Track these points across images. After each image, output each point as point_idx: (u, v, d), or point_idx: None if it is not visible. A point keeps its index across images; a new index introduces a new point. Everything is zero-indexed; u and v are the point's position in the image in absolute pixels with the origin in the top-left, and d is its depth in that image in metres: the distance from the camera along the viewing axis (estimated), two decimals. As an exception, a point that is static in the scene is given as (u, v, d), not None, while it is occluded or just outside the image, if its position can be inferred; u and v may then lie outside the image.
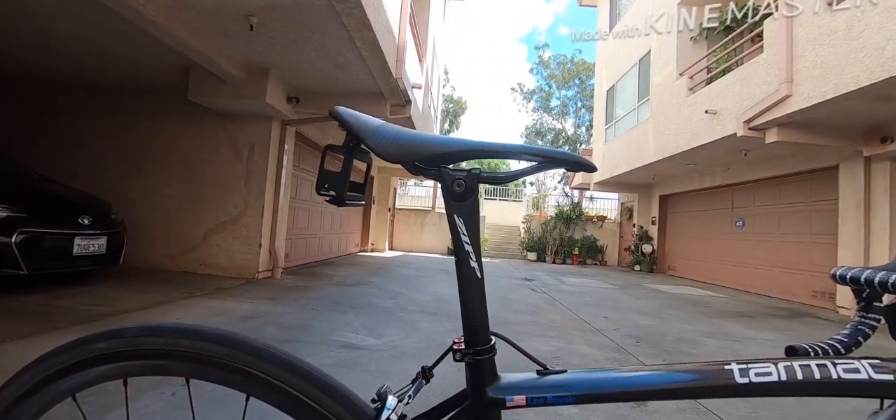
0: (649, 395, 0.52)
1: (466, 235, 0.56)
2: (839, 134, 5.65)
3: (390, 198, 13.04)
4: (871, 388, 0.45)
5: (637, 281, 9.14)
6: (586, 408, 2.17)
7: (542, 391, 0.54)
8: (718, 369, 0.50)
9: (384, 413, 0.53)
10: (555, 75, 28.79)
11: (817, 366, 0.46)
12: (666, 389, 0.51)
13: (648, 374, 0.53)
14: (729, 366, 0.49)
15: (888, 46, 4.12)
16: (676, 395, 0.51)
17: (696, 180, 9.69)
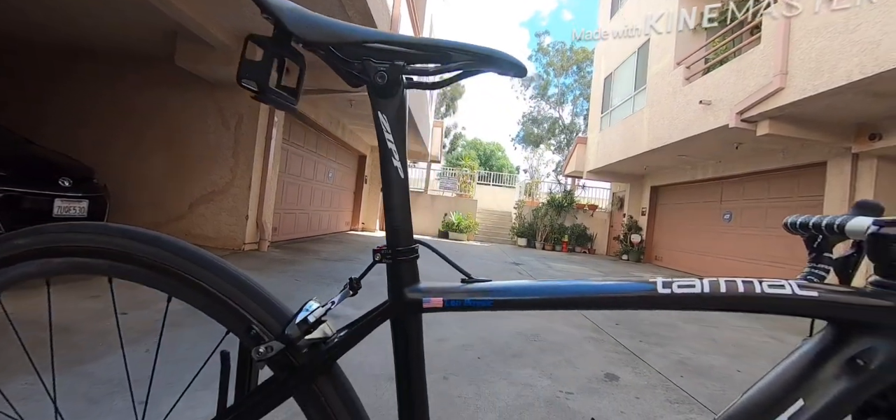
0: (570, 304, 0.51)
1: (390, 133, 0.54)
2: (829, 129, 5.67)
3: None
4: (795, 305, 0.45)
5: (624, 269, 9.24)
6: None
7: (461, 295, 0.53)
8: (641, 282, 0.49)
9: (302, 314, 0.52)
10: (553, 62, 28.60)
11: (743, 282, 0.46)
12: (588, 299, 0.50)
13: (571, 284, 0.52)
14: (653, 279, 0.48)
15: (883, 41, 4.11)
16: (598, 305, 0.50)
17: (688, 172, 9.73)
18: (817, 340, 0.47)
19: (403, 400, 0.57)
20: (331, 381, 0.55)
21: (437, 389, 2.01)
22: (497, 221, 15.17)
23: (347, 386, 0.57)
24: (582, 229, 13.19)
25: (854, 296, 0.46)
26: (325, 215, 9.37)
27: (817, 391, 0.44)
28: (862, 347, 0.44)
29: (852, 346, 0.44)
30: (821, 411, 0.43)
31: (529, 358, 2.60)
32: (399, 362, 0.56)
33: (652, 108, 8.86)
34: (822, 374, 0.45)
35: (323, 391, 0.54)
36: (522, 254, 10.79)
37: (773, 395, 0.45)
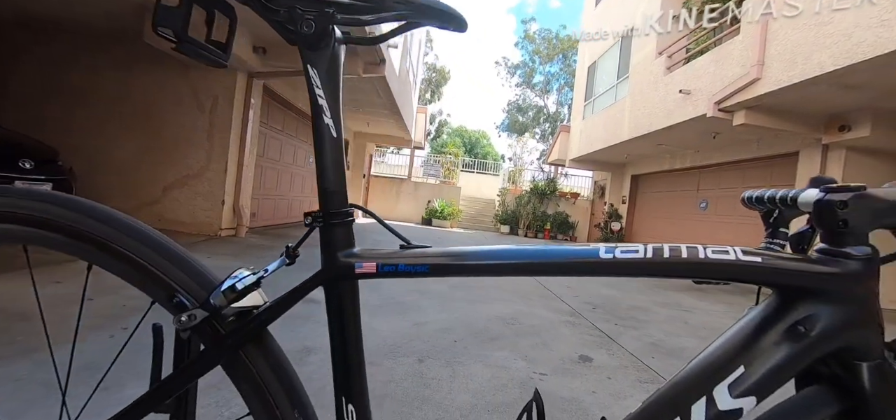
0: (511, 270, 0.50)
1: (321, 89, 0.51)
2: (802, 120, 5.82)
3: (366, 164, 12.83)
4: (738, 271, 0.44)
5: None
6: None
7: (396, 260, 0.52)
8: (585, 247, 0.47)
9: (228, 282, 0.50)
10: (540, 50, 28.58)
11: (687, 248, 0.45)
12: (529, 264, 0.49)
13: (512, 249, 0.50)
14: (596, 245, 0.47)
15: (854, 34, 4.21)
16: (539, 271, 0.48)
17: (667, 161, 9.89)
18: (762, 308, 0.47)
19: (339, 371, 0.55)
20: (261, 350, 0.52)
21: (413, 371, 2.01)
22: (481, 209, 15.21)
23: (279, 355, 0.54)
24: (564, 217, 13.34)
25: (797, 262, 0.45)
26: (307, 201, 9.22)
27: (758, 358, 0.44)
28: (804, 314, 0.44)
29: (794, 312, 0.44)
30: (761, 378, 0.43)
31: (506, 341, 2.62)
32: (333, 331, 0.54)
33: (633, 97, 8.95)
34: (764, 340, 0.45)
35: (253, 361, 0.51)
36: (505, 241, 10.86)
37: (716, 363, 0.45)
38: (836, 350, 0.45)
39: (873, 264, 0.44)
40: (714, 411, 0.43)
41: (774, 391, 0.44)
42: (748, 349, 0.45)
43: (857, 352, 0.44)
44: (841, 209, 0.43)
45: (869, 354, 0.44)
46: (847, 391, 0.45)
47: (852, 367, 0.44)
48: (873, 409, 0.43)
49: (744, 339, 0.45)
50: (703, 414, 0.43)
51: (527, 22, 37.03)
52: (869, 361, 0.44)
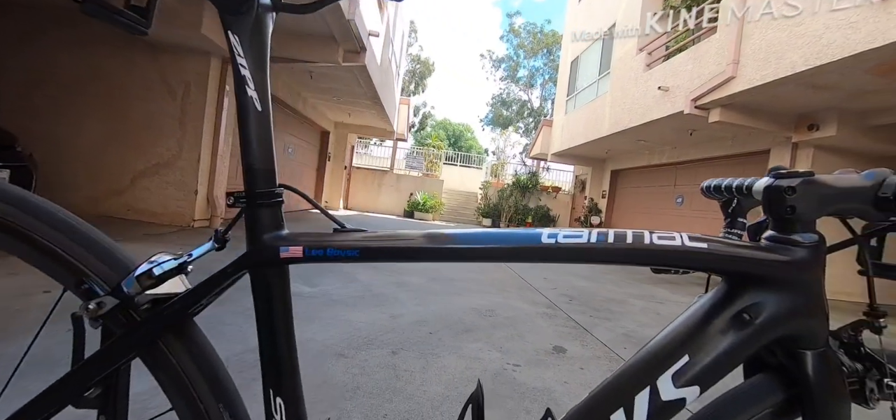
0: (447, 256, 0.47)
1: (243, 57, 0.48)
2: (773, 119, 5.99)
3: (347, 155, 12.65)
4: (684, 257, 0.43)
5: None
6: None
7: (324, 244, 0.49)
8: (527, 232, 0.45)
9: (144, 267, 0.46)
10: (524, 44, 28.66)
11: (633, 234, 0.43)
12: (467, 250, 0.46)
13: (451, 233, 0.48)
14: (540, 230, 0.45)
15: (825, 35, 4.33)
16: (478, 257, 0.46)
17: (646, 157, 10.07)
18: (710, 296, 0.46)
19: (267, 363, 0.51)
20: (182, 340, 0.49)
21: (386, 363, 1.98)
22: (463, 202, 15.22)
23: (205, 347, 0.51)
24: (545, 210, 13.47)
25: (744, 249, 0.44)
26: (285, 193, 9.03)
27: (703, 347, 0.43)
28: (749, 302, 0.43)
29: (740, 300, 0.43)
30: (705, 367, 0.42)
31: (482, 332, 2.62)
32: (261, 319, 0.51)
33: (614, 92, 9.05)
34: (710, 329, 0.44)
35: (173, 352, 0.48)
36: (487, 234, 10.91)
37: (661, 353, 0.44)
38: (781, 338, 0.44)
39: (819, 252, 0.43)
40: (657, 401, 0.42)
41: (718, 380, 0.43)
42: (693, 338, 0.44)
43: (802, 340, 0.44)
44: (789, 195, 0.42)
45: (814, 343, 0.44)
46: (792, 379, 0.44)
47: (797, 355, 0.44)
48: (816, 398, 0.43)
49: (689, 328, 0.44)
50: (646, 404, 0.42)
51: (512, 15, 37.07)
52: (813, 350, 0.43)
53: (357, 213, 12.05)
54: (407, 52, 28.91)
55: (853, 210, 0.43)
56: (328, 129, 11.04)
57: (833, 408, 0.43)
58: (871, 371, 0.44)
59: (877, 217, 0.43)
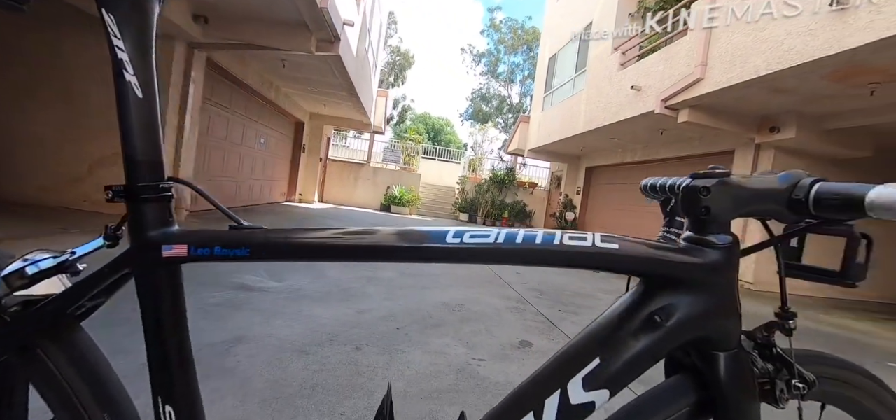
0: (346, 254, 0.45)
1: (120, 39, 0.44)
2: (738, 121, 6.21)
3: (323, 147, 12.41)
4: (595, 257, 0.42)
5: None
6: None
7: (212, 242, 0.46)
8: (432, 230, 0.43)
9: (15, 266, 0.43)
10: (505, 40, 28.74)
11: (543, 234, 0.42)
12: (366, 248, 0.44)
13: (353, 230, 0.46)
14: (446, 228, 0.43)
15: (786, 41, 4.50)
16: (379, 256, 0.44)
17: (619, 155, 10.29)
18: (627, 297, 0.45)
19: (155, 369, 0.48)
20: (62, 345, 0.45)
21: (348, 359, 1.95)
22: (441, 196, 15.20)
23: (88, 350, 0.47)
24: (522, 206, 13.60)
25: (657, 250, 0.44)
26: (257, 184, 8.80)
27: (614, 349, 0.42)
28: (662, 303, 0.42)
29: (654, 302, 0.43)
30: (615, 370, 0.42)
31: (450, 327, 2.62)
32: (147, 322, 0.47)
33: (589, 90, 9.19)
34: (622, 331, 0.43)
35: (51, 357, 0.44)
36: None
37: (574, 355, 0.43)
38: (693, 340, 0.44)
39: (733, 254, 0.43)
40: (566, 405, 0.41)
41: (629, 383, 0.42)
42: (605, 340, 0.43)
43: (715, 342, 0.44)
44: (703, 195, 0.42)
45: (726, 344, 0.44)
46: (705, 381, 0.44)
47: (709, 357, 0.44)
48: (727, 400, 0.43)
49: (602, 330, 0.44)
50: (555, 408, 0.41)
51: (493, 10, 37.06)
52: (726, 351, 0.43)
53: (332, 207, 11.86)
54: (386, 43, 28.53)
55: (768, 212, 0.43)
56: (303, 119, 10.79)
57: (743, 409, 0.43)
58: (782, 371, 0.45)
59: (791, 219, 0.43)
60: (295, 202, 11.02)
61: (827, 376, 0.50)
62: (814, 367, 0.49)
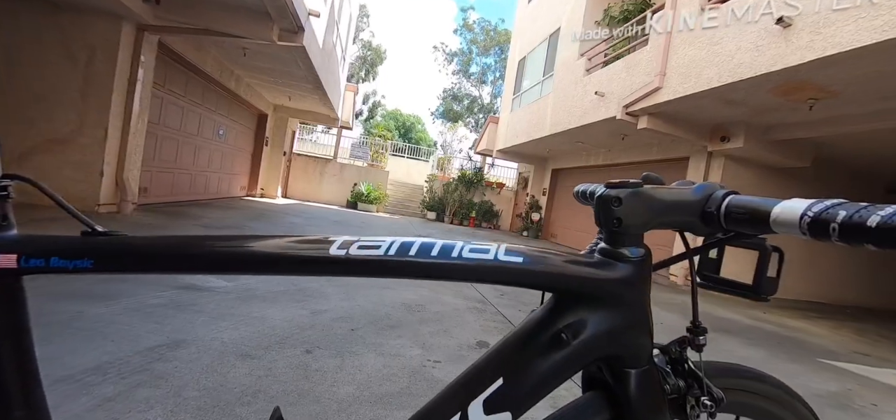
0: (212, 266, 0.39)
1: None
2: (693, 129, 6.51)
3: (288, 141, 12.02)
4: (496, 272, 0.39)
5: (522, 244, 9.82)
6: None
7: (48, 251, 0.39)
8: (314, 241, 0.38)
9: None
10: (477, 40, 28.91)
11: (442, 245, 0.38)
12: (235, 257, 0.38)
13: (227, 236, 0.40)
14: (332, 238, 0.38)
15: (736, 55, 4.74)
16: (249, 268, 0.39)
17: (583, 158, 10.57)
18: (538, 312, 0.42)
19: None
20: None
21: (297, 363, 1.87)
22: (409, 194, 15.10)
23: None
24: (489, 206, 13.73)
25: (565, 264, 0.41)
26: (215, 177, 8.40)
27: (519, 369, 0.40)
28: (571, 319, 0.40)
29: (562, 318, 0.40)
30: (518, 391, 0.39)
31: (408, 328, 2.58)
32: None
33: (556, 94, 9.37)
34: (528, 350, 0.41)
35: None
36: (430, 226, 10.91)
37: (477, 375, 0.40)
38: (604, 357, 0.42)
39: (645, 268, 0.42)
40: None
41: (533, 405, 0.40)
42: (510, 359, 0.40)
43: (625, 359, 0.42)
44: (615, 206, 0.40)
45: (637, 361, 0.42)
46: (617, 398, 0.43)
47: (620, 374, 0.42)
48: (636, 417, 0.42)
49: (508, 349, 0.41)
50: None
51: (466, 10, 37.18)
52: (637, 368, 0.42)
53: (295, 203, 11.51)
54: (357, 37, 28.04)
55: (683, 224, 0.42)
56: (266, 111, 10.40)
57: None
58: (693, 387, 0.44)
59: (705, 231, 0.42)
60: (256, 198, 10.61)
61: (740, 389, 0.50)
62: (727, 380, 0.49)
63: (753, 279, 0.42)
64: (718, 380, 0.47)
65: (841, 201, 0.32)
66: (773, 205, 0.35)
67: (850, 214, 0.30)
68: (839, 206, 0.31)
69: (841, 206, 0.31)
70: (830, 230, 0.31)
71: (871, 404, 2.55)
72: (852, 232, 0.30)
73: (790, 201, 0.34)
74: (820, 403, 2.44)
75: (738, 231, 0.39)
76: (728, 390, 0.48)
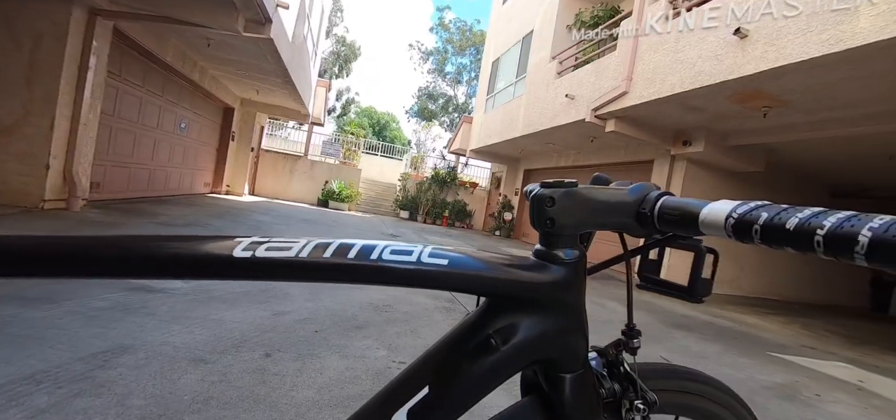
0: (96, 269, 0.33)
1: None
2: (657, 133, 6.74)
3: (256, 137, 11.65)
4: (418, 276, 0.36)
5: (493, 244, 9.91)
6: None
7: None
8: (217, 241, 0.34)
9: None
10: (453, 40, 28.95)
11: (360, 247, 0.35)
12: (119, 260, 0.33)
13: (118, 236, 0.35)
14: (239, 239, 0.34)
15: (697, 63, 4.94)
16: (136, 271, 0.34)
17: (554, 159, 10.77)
18: (471, 316, 0.41)
19: None
20: None
21: (254, 367, 1.80)
22: (382, 192, 14.95)
23: None
24: (462, 205, 13.77)
25: (495, 268, 0.39)
26: (176, 173, 8.03)
27: (446, 376, 0.38)
28: (502, 324, 0.39)
29: (493, 323, 0.39)
30: (445, 400, 0.37)
31: (374, 329, 2.54)
32: None
33: (529, 95, 9.50)
34: (456, 356, 0.39)
35: None
36: (402, 226, 10.83)
37: (404, 384, 0.38)
38: (537, 361, 0.41)
39: (578, 270, 0.41)
40: None
41: (460, 415, 0.39)
42: (437, 366, 0.39)
43: (559, 364, 0.41)
44: (548, 206, 0.39)
45: (571, 366, 0.41)
46: (551, 402, 0.42)
47: (555, 378, 0.41)
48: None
49: (437, 355, 0.39)
50: None
51: (443, 9, 37.14)
52: (571, 373, 0.41)
53: (263, 201, 11.17)
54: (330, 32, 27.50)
55: (619, 225, 0.41)
56: (233, 105, 10.03)
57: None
58: (629, 390, 0.44)
59: (641, 233, 0.41)
60: (221, 194, 10.22)
61: (679, 390, 0.50)
62: (666, 381, 0.49)
63: (688, 281, 0.42)
64: (656, 381, 0.47)
65: (765, 204, 0.32)
66: (702, 206, 0.35)
67: (770, 217, 0.30)
68: (762, 209, 0.31)
69: (763, 209, 0.31)
70: (753, 232, 0.31)
71: (815, 395, 2.71)
72: (772, 234, 0.30)
73: (717, 203, 0.34)
74: (768, 395, 2.57)
75: (672, 232, 0.39)
76: (667, 391, 0.48)
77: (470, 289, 0.38)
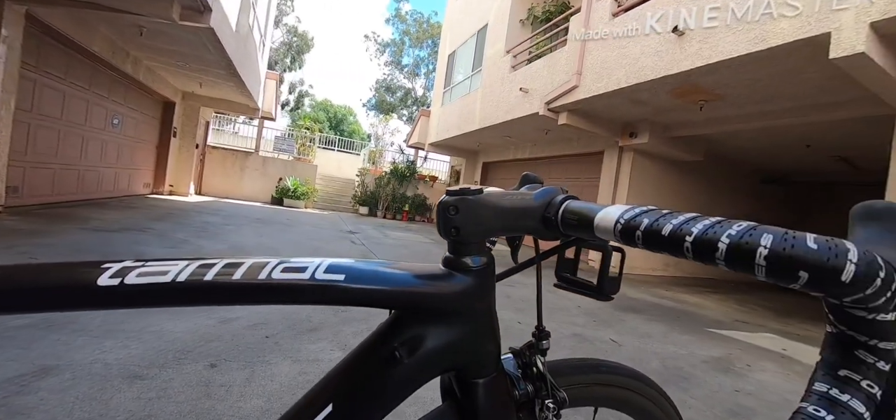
0: None
1: None
2: (607, 126, 7.04)
3: (201, 133, 10.97)
4: (312, 292, 0.34)
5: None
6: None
7: None
8: (80, 267, 0.30)
9: None
10: (410, 31, 28.63)
11: (249, 266, 0.33)
12: None
13: None
14: (106, 265, 0.30)
15: (640, 59, 5.19)
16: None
17: (512, 152, 10.98)
18: (377, 329, 0.39)
19: None
20: None
21: (197, 379, 1.70)
22: (340, 188, 14.61)
23: None
24: (422, 199, 13.74)
25: (398, 278, 0.38)
26: (110, 173, 7.41)
27: (349, 392, 0.37)
28: (408, 335, 0.37)
29: (399, 334, 0.38)
30: (346, 417, 0.36)
31: (329, 330, 2.48)
32: None
33: (485, 89, 9.60)
34: (361, 370, 0.38)
35: None
36: (362, 222, 10.65)
37: (307, 403, 0.36)
38: (446, 370, 0.41)
39: (486, 277, 0.40)
40: None
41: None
42: (341, 383, 0.37)
43: (470, 370, 0.41)
44: (452, 214, 0.38)
45: (482, 371, 0.41)
46: (465, 410, 0.42)
47: (468, 384, 0.41)
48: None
49: (342, 371, 0.38)
50: None
51: (399, 0, 36.53)
52: (483, 378, 0.41)
53: (211, 201, 10.57)
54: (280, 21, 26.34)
55: (528, 229, 0.41)
56: (173, 99, 9.38)
57: None
58: (542, 390, 0.45)
59: (549, 236, 0.42)
60: (163, 195, 9.56)
61: (596, 383, 0.53)
62: (584, 376, 0.51)
63: (597, 280, 0.43)
64: (571, 377, 0.48)
65: (649, 209, 0.32)
66: (597, 211, 0.35)
67: (650, 222, 0.31)
68: (644, 214, 0.32)
69: (646, 214, 0.32)
70: (636, 237, 0.32)
71: (747, 365, 2.96)
72: (651, 239, 0.31)
73: (610, 208, 0.35)
74: (707, 368, 2.77)
75: (575, 235, 0.40)
76: (581, 386, 0.50)
77: (370, 302, 0.36)
